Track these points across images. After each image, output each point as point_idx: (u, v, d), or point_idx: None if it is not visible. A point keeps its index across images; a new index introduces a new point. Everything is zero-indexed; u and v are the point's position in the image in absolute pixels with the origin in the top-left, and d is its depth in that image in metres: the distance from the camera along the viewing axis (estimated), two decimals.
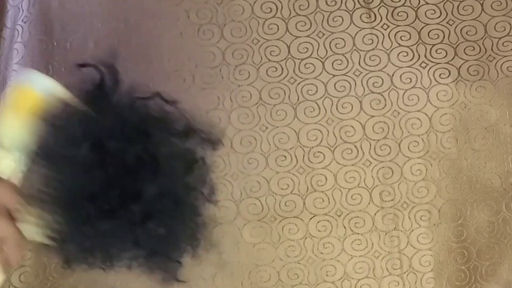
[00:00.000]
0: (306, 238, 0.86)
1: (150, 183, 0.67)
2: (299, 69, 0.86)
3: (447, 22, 0.88)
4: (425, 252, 0.87)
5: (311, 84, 0.86)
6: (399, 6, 0.87)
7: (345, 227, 0.86)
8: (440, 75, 0.86)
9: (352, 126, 0.86)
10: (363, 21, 0.87)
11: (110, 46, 0.87)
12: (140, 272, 0.72)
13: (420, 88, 0.86)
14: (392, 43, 0.86)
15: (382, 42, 0.86)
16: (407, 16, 0.87)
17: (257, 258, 0.86)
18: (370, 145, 0.86)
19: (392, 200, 0.86)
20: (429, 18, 0.87)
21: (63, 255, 0.70)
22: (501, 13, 0.88)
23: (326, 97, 0.86)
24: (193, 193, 0.70)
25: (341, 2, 0.87)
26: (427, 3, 0.87)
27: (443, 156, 0.87)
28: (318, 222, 0.86)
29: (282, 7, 0.87)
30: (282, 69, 0.86)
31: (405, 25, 0.87)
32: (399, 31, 0.87)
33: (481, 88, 0.87)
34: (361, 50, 0.86)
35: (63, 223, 0.67)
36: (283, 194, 0.85)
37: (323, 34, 0.86)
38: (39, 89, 0.70)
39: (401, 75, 0.86)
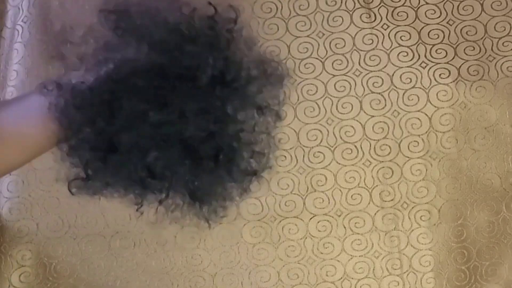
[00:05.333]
0: (306, 238, 0.86)
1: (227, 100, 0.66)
2: (299, 69, 0.86)
3: (447, 22, 0.87)
4: (425, 252, 0.87)
5: (311, 84, 0.86)
6: (399, 6, 0.87)
7: (345, 227, 0.86)
8: (440, 75, 0.86)
9: (352, 126, 0.86)
10: (363, 21, 0.87)
11: None
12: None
13: (420, 88, 0.86)
14: (392, 43, 0.86)
15: (382, 42, 0.86)
16: (407, 16, 0.87)
17: (257, 258, 0.86)
18: (370, 145, 0.86)
19: (392, 200, 0.86)
20: (429, 18, 0.87)
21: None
22: (501, 13, 0.88)
23: (326, 97, 0.86)
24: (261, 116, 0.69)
25: (341, 2, 0.87)
26: (427, 3, 0.87)
27: (443, 156, 0.87)
28: (318, 222, 0.86)
29: (282, 7, 0.87)
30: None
31: (405, 25, 0.87)
32: (399, 31, 0.87)
33: (481, 88, 0.87)
34: (361, 50, 0.86)
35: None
36: (283, 194, 0.85)
37: (323, 34, 0.86)
38: None
39: (401, 75, 0.86)
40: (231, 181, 0.70)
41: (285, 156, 0.85)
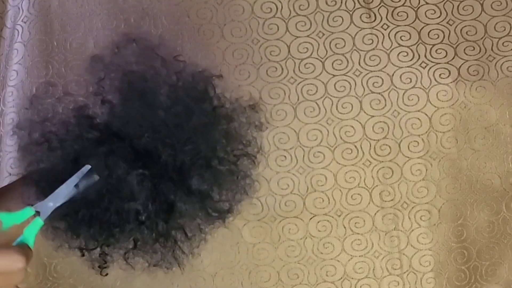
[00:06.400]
0: (306, 238, 0.86)
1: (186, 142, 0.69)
2: (299, 69, 0.86)
3: (447, 22, 0.88)
4: (425, 252, 0.87)
5: (311, 84, 0.86)
6: (399, 6, 0.87)
7: (345, 227, 0.86)
8: (440, 75, 0.86)
9: (352, 126, 0.86)
10: (363, 21, 0.87)
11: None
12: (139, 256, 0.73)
13: (420, 88, 0.86)
14: (392, 43, 0.86)
15: (382, 42, 0.86)
16: (407, 16, 0.87)
17: (257, 258, 0.86)
18: (370, 145, 0.86)
19: (392, 200, 0.86)
20: (429, 18, 0.87)
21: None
22: (501, 13, 0.88)
23: (326, 97, 0.86)
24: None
25: (341, 2, 0.87)
26: (427, 3, 0.87)
27: (443, 156, 0.87)
28: (318, 222, 0.86)
29: (282, 7, 0.87)
30: (282, 69, 0.86)
31: (405, 25, 0.87)
32: (399, 31, 0.87)
33: (481, 88, 0.87)
34: (361, 50, 0.86)
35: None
36: (283, 194, 0.85)
37: (323, 34, 0.86)
38: None
39: (401, 75, 0.86)
40: (205, 215, 0.72)
41: (285, 156, 0.85)
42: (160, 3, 0.87)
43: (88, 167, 0.69)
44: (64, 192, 0.70)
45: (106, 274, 0.76)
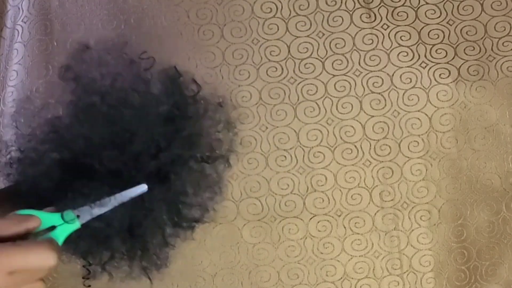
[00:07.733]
0: (306, 238, 0.86)
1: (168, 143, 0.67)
2: (299, 69, 0.86)
3: (447, 22, 0.88)
4: (425, 252, 0.87)
5: (311, 84, 0.86)
6: (399, 6, 0.87)
7: (345, 227, 0.86)
8: (440, 75, 0.86)
9: (352, 126, 0.86)
10: (363, 21, 0.87)
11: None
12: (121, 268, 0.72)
13: (420, 88, 0.86)
14: (392, 43, 0.86)
15: (382, 42, 0.86)
16: (407, 16, 0.87)
17: (257, 258, 0.86)
18: (370, 145, 0.86)
19: (392, 200, 0.86)
20: (429, 18, 0.87)
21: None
22: (501, 13, 0.88)
23: (326, 97, 0.86)
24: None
25: (341, 2, 0.87)
26: (427, 3, 0.87)
27: (443, 156, 0.87)
28: (318, 222, 0.86)
29: (282, 7, 0.87)
30: (282, 69, 0.86)
31: (405, 25, 0.87)
32: (399, 31, 0.87)
33: (481, 88, 0.87)
34: (361, 50, 0.86)
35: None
36: (283, 194, 0.85)
37: (323, 34, 0.86)
38: None
39: (401, 75, 0.86)
40: (173, 226, 0.71)
41: (285, 156, 0.85)
42: (160, 3, 0.87)
43: (144, 187, 0.68)
44: (108, 203, 0.69)
45: (89, 286, 0.76)
